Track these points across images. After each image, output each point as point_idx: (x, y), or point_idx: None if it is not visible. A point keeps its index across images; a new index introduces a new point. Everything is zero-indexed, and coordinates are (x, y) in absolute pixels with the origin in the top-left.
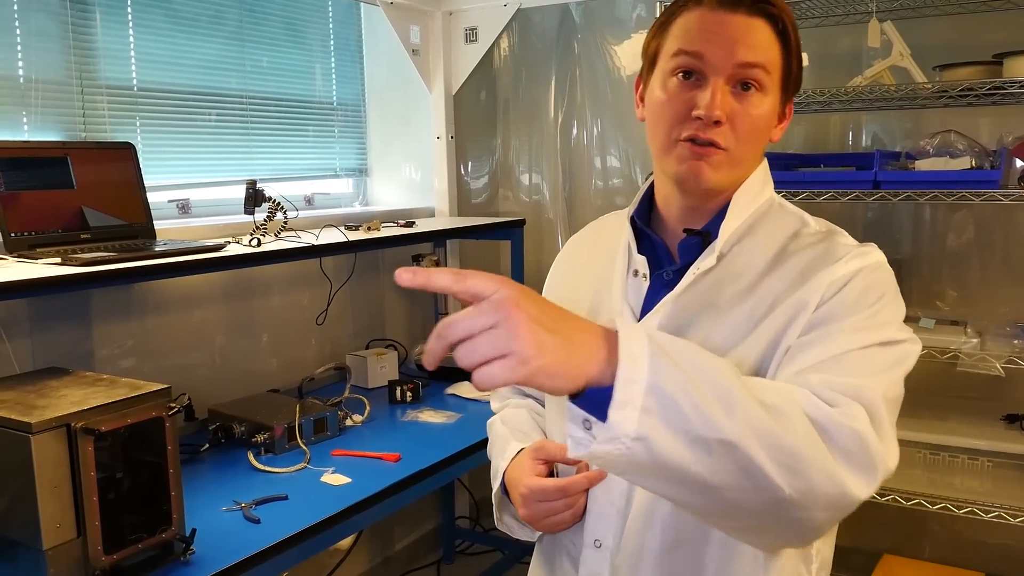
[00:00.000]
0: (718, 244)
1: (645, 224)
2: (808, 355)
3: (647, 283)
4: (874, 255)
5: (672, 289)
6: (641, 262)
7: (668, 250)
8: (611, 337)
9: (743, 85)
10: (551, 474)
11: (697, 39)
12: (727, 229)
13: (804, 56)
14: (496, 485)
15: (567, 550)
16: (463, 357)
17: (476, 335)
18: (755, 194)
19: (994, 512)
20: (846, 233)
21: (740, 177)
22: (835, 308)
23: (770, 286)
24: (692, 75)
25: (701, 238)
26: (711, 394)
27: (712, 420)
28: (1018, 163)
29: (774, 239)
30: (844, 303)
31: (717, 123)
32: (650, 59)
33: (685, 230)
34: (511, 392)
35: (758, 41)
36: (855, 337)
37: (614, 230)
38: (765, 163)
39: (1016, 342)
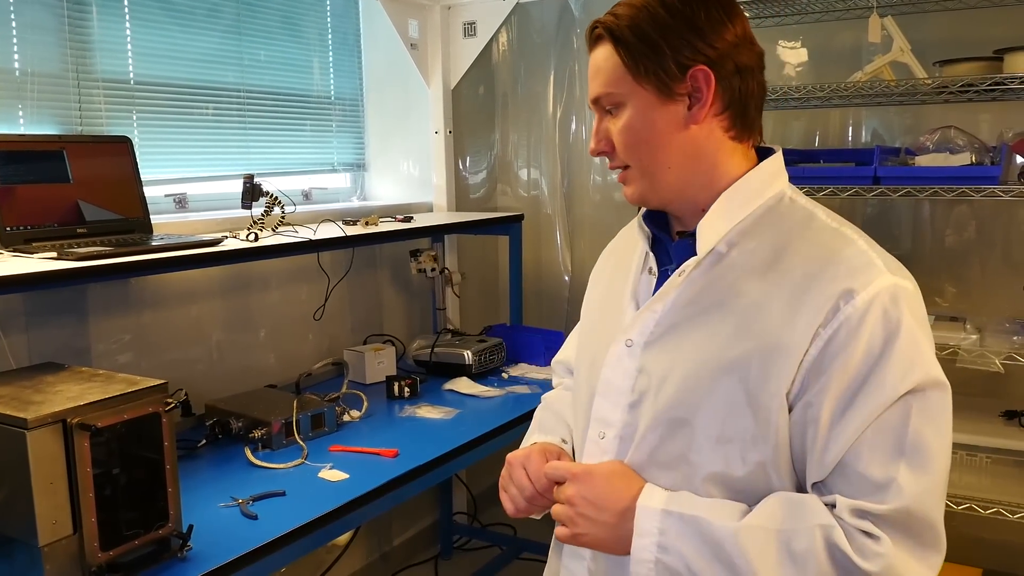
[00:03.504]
0: (700, 247)
1: (661, 222)
2: (835, 441)
3: (655, 278)
4: (885, 279)
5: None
6: (651, 259)
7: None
8: (631, 515)
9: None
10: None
11: None
12: (706, 230)
13: (792, 50)
14: None
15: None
16: (554, 508)
17: (560, 502)
18: (756, 191)
19: (992, 508)
20: (860, 233)
21: (669, 181)
22: (852, 361)
23: (764, 288)
24: None
25: (693, 239)
26: (716, 565)
27: None
28: (1018, 159)
29: (777, 236)
30: (859, 356)
31: (602, 153)
32: None
33: (678, 232)
34: (565, 372)
35: (597, 71)
36: (881, 396)
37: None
38: (775, 158)
39: (1015, 338)
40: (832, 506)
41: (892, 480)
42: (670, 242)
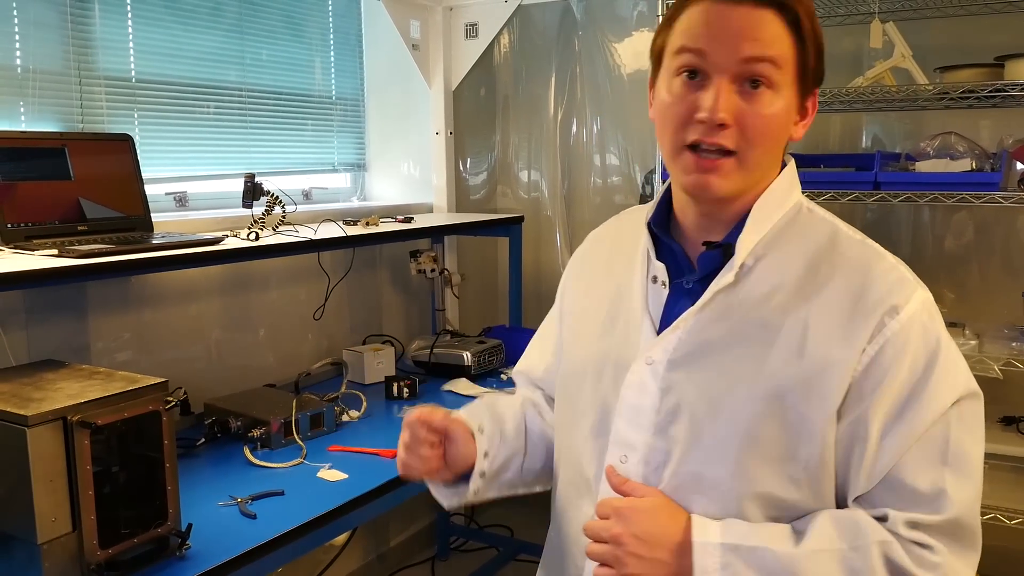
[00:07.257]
0: (737, 260)
1: (664, 228)
2: (883, 455)
3: (667, 291)
4: (919, 294)
5: (693, 300)
6: (660, 269)
7: (688, 258)
8: (687, 551)
9: (752, 83)
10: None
11: (700, 35)
12: (746, 243)
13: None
14: None
15: (574, 561)
16: (591, 548)
17: (602, 540)
18: (779, 201)
19: (990, 515)
20: (881, 249)
21: (756, 182)
22: (899, 377)
23: (806, 306)
24: (697, 75)
25: (722, 250)
26: None
27: None
28: (1018, 165)
29: (804, 251)
30: (905, 371)
31: (722, 126)
32: (656, 57)
33: (705, 243)
34: (527, 383)
35: (765, 34)
36: (930, 411)
37: (635, 229)
38: (792, 166)
39: (1014, 344)
40: (882, 519)
41: (942, 491)
42: (679, 250)
